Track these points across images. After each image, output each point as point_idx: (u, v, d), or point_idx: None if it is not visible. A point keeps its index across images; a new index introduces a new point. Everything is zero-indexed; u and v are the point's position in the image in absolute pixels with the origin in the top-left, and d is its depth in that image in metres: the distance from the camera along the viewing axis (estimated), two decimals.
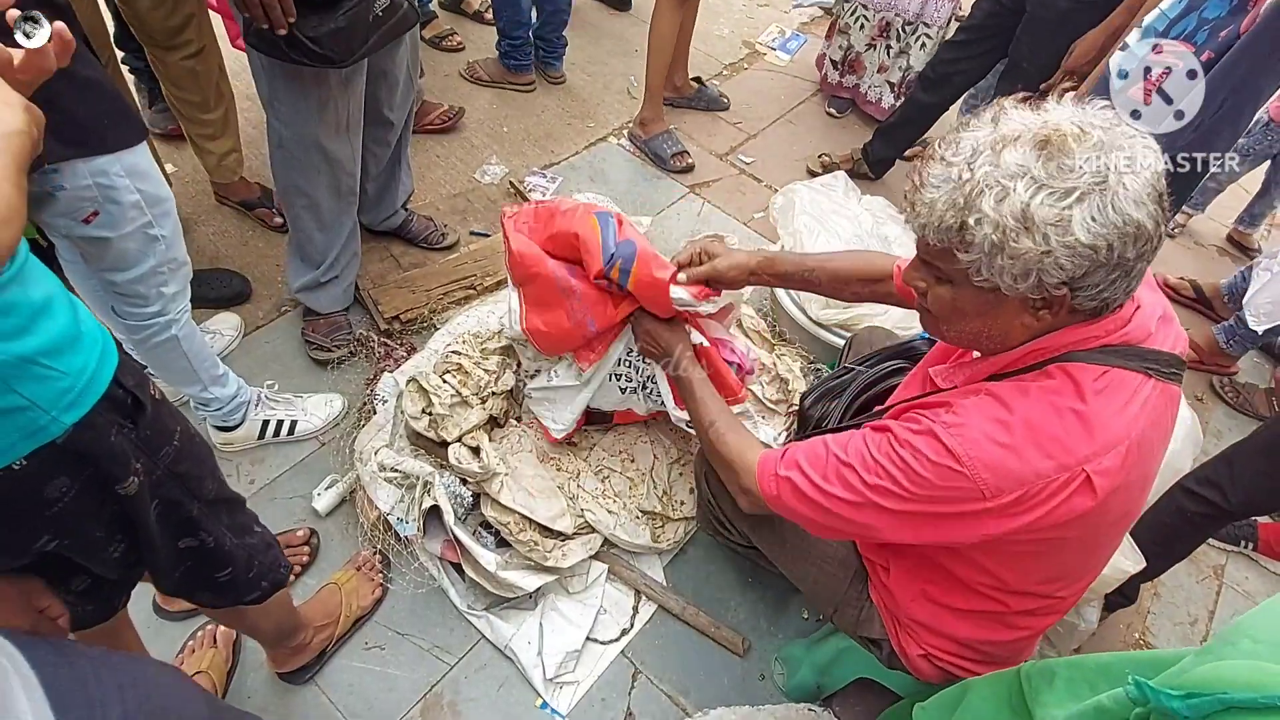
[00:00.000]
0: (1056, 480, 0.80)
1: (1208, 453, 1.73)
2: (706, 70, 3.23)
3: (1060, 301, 0.79)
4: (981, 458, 0.81)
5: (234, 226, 2.26)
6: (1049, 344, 0.85)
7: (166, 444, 0.85)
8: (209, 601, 1.09)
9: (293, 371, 1.94)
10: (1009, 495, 0.81)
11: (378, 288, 2.08)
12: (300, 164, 1.68)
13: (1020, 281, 0.77)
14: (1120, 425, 0.81)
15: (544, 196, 2.55)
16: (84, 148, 1.10)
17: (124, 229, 1.21)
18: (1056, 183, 0.72)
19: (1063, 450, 0.80)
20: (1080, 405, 0.81)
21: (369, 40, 1.45)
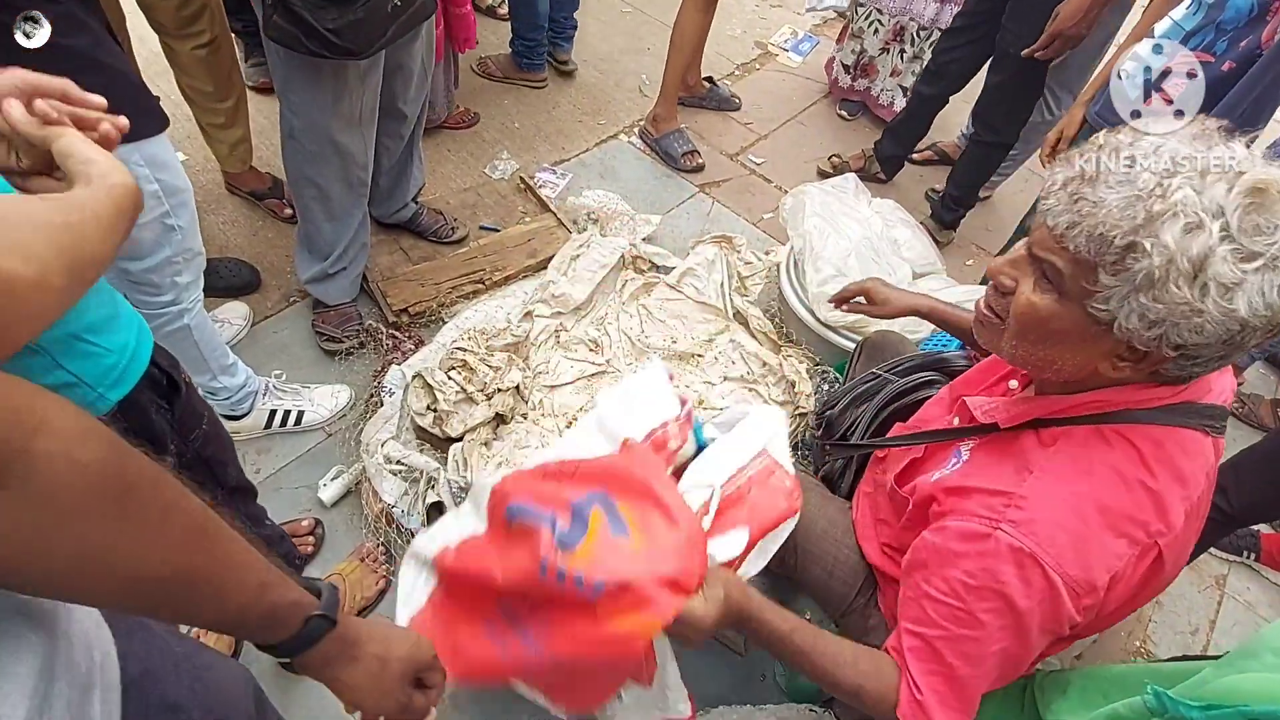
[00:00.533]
0: (1131, 556, 0.76)
1: None
2: (718, 70, 3.23)
3: (1154, 362, 0.73)
4: (1064, 557, 0.74)
5: (244, 216, 2.26)
6: (1110, 398, 0.79)
7: (197, 427, 0.86)
8: None
9: (300, 362, 1.94)
10: (1101, 585, 0.75)
11: (387, 280, 2.08)
12: (312, 156, 1.68)
13: (1146, 328, 0.68)
14: (1183, 491, 0.77)
15: (554, 193, 2.54)
16: None
17: (141, 218, 1.21)
18: (1246, 240, 0.63)
19: (1136, 526, 0.75)
20: (1148, 478, 0.76)
21: (388, 31, 1.45)
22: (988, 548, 0.76)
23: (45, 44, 0.97)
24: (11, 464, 0.37)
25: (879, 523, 1.14)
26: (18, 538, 0.39)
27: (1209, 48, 1.57)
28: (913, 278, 2.06)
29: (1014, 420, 0.86)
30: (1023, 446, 0.85)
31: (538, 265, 2.20)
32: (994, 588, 0.76)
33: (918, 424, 1.13)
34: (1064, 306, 0.74)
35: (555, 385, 1.90)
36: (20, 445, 0.38)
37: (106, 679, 0.52)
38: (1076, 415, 0.81)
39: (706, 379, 2.00)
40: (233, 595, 0.52)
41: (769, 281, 2.27)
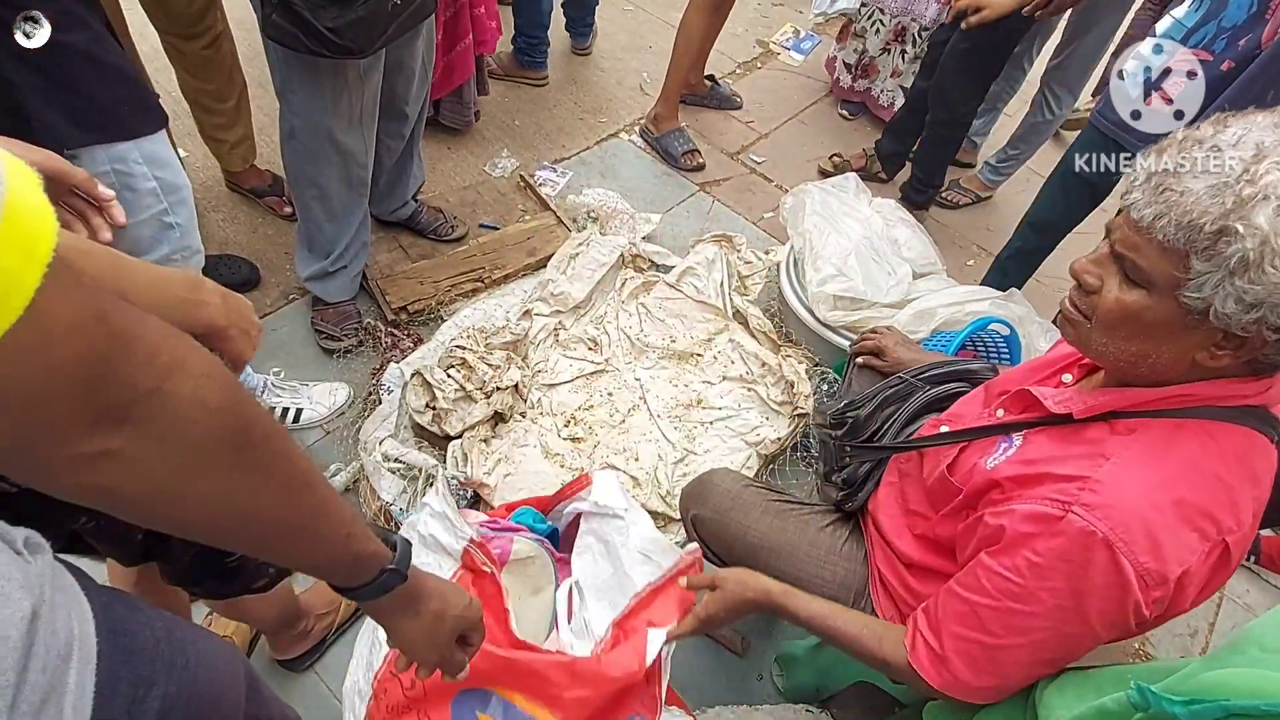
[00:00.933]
0: (1202, 552, 0.75)
1: None
2: (720, 68, 3.23)
3: (1254, 348, 0.73)
4: (1138, 544, 0.73)
5: (244, 213, 2.27)
6: (1196, 392, 0.79)
7: None
8: (216, 590, 1.08)
9: (299, 359, 1.95)
10: (1173, 578, 0.73)
11: (386, 278, 2.09)
12: (312, 155, 1.68)
13: (1244, 312, 0.69)
14: (1255, 492, 0.78)
15: (554, 191, 2.55)
16: (103, 133, 1.10)
17: (139, 215, 1.22)
18: None
19: (1209, 522, 0.75)
20: (1223, 471, 0.76)
21: (388, 30, 1.44)
22: (1059, 528, 0.76)
23: (45, 42, 0.97)
24: (144, 402, 0.39)
25: (910, 514, 1.11)
26: (146, 475, 0.41)
27: (1208, 45, 1.57)
28: (913, 278, 2.05)
29: (1090, 411, 0.85)
30: (1092, 436, 0.84)
31: (537, 264, 2.20)
32: (1060, 568, 0.75)
33: (951, 419, 1.11)
34: (1155, 299, 0.75)
35: (554, 384, 1.91)
36: (153, 384, 0.39)
37: (84, 650, 0.53)
38: (1155, 409, 0.81)
39: (705, 378, 2.00)
40: (325, 542, 0.56)
41: (769, 281, 2.27)
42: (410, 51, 1.75)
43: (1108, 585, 0.73)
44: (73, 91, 1.05)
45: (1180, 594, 0.75)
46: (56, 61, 1.01)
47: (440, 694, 1.01)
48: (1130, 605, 0.74)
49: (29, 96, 1.00)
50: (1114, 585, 0.73)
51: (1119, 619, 0.76)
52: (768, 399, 1.93)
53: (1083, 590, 0.75)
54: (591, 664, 1.01)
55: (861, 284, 1.96)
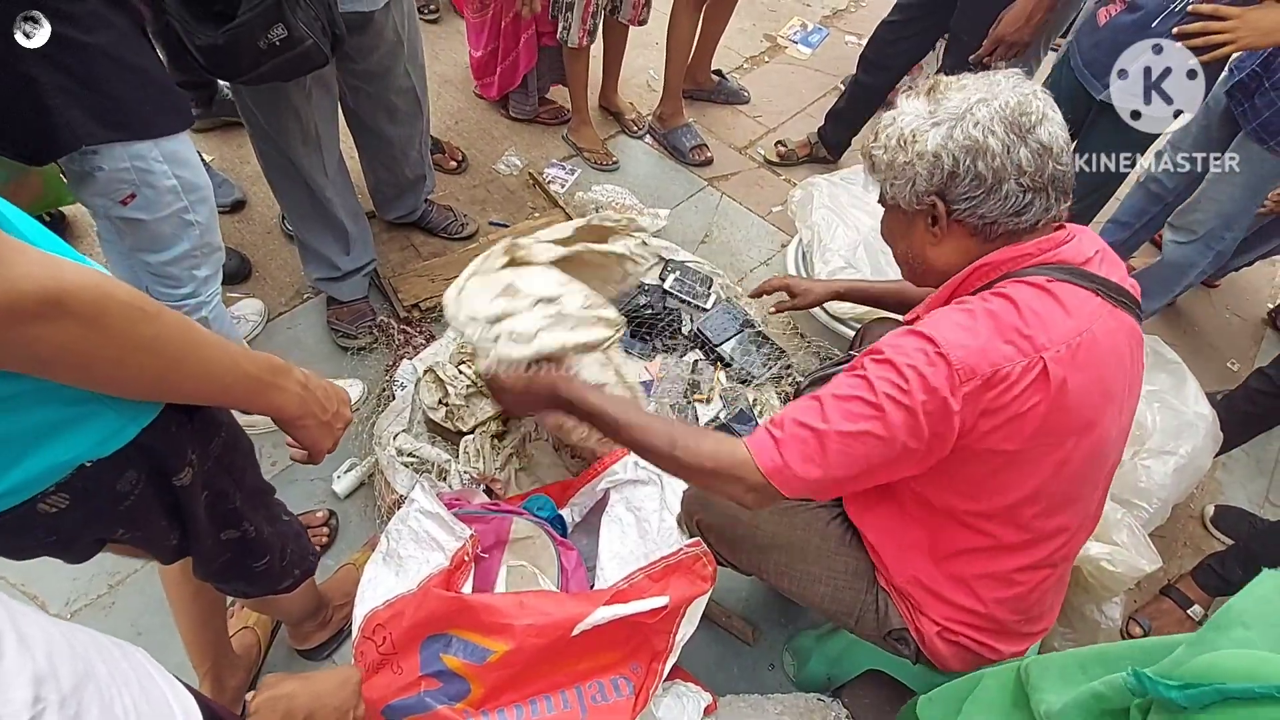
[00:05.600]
0: (1020, 365, 0.87)
1: None
2: (727, 64, 3.23)
3: (941, 215, 0.96)
4: (953, 338, 0.88)
5: (258, 214, 2.30)
6: (989, 262, 0.97)
7: (216, 435, 0.86)
8: (243, 591, 1.11)
9: (314, 357, 1.98)
10: (982, 375, 0.86)
11: (398, 276, 2.11)
12: (278, 173, 1.73)
13: (903, 190, 0.97)
14: (1070, 323, 0.90)
15: (563, 188, 2.56)
16: (124, 131, 1.13)
17: (160, 212, 1.24)
18: (930, 115, 0.94)
19: (1021, 338, 0.87)
20: (1034, 303, 0.90)
21: (261, 66, 1.34)
22: (901, 333, 0.93)
23: (62, 39, 0.99)
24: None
25: None
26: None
27: None
28: None
29: (932, 306, 1.03)
30: None
31: None
32: (889, 357, 0.90)
33: None
34: (888, 211, 1.06)
35: None
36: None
37: None
38: (976, 287, 0.98)
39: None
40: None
41: (777, 274, 2.28)
42: (385, 84, 1.79)
43: (930, 362, 0.87)
44: (95, 90, 1.07)
45: (999, 399, 0.86)
46: (80, 60, 1.04)
47: (408, 644, 1.08)
48: (946, 385, 0.86)
49: (52, 95, 1.03)
50: (934, 363, 0.87)
51: (940, 405, 0.86)
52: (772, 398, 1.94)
53: (906, 369, 0.87)
54: (540, 597, 1.09)
55: (870, 276, 1.97)
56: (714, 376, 2.05)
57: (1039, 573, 1.04)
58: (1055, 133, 0.92)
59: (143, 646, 1.37)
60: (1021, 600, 1.06)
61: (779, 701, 1.49)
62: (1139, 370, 1.02)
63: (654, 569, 1.15)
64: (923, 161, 0.94)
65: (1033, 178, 0.91)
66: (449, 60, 2.98)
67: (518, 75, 2.60)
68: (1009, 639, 1.09)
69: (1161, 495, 1.69)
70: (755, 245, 2.53)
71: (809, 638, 1.58)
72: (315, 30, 1.35)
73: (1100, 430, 0.95)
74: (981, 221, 0.95)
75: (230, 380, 0.73)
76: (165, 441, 0.77)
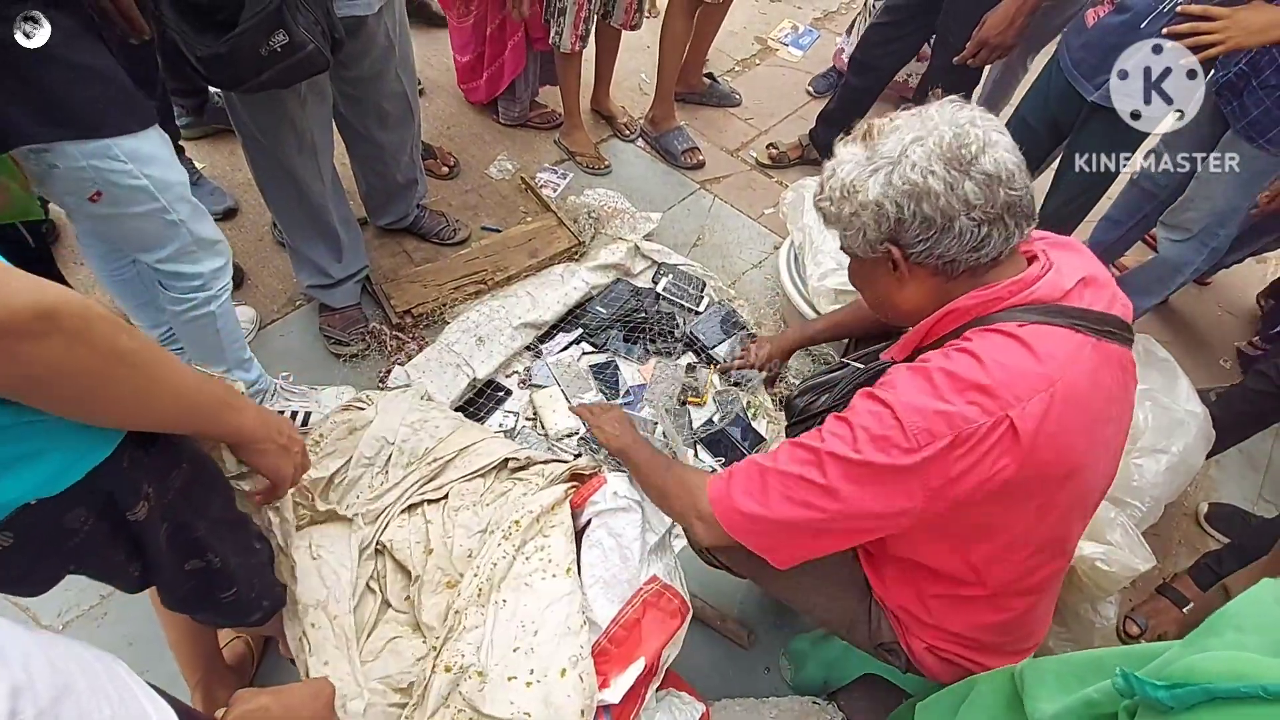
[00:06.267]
0: (984, 425, 0.83)
1: None
2: (719, 66, 3.23)
3: (898, 260, 0.92)
4: (910, 402, 0.85)
5: (250, 222, 2.30)
6: (956, 307, 0.93)
7: (175, 467, 0.84)
8: (213, 621, 1.09)
9: (306, 364, 1.98)
10: (941, 441, 0.83)
11: (390, 282, 2.11)
12: (271, 181, 1.72)
13: (855, 240, 0.95)
14: (1040, 373, 0.85)
15: (555, 193, 2.56)
16: (70, 130, 1.12)
17: (132, 209, 1.24)
18: (868, 161, 0.90)
19: (985, 396, 0.83)
20: (1001, 355, 0.85)
21: (263, 74, 1.33)
22: (857, 398, 0.93)
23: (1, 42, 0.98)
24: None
25: None
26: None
27: None
28: None
29: (905, 348, 1.02)
30: None
31: (539, 265, 2.22)
32: (846, 416, 0.90)
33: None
34: (851, 260, 1.03)
35: None
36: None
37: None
38: (947, 332, 0.95)
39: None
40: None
41: (769, 277, 2.28)
42: (378, 90, 1.79)
43: (883, 427, 0.86)
44: (37, 90, 1.06)
45: (960, 459, 0.83)
46: (18, 60, 1.02)
47: None
48: (899, 448, 0.84)
49: None
50: (887, 428, 0.85)
51: (891, 466, 0.85)
52: (766, 403, 1.94)
53: (860, 431, 0.87)
54: None
55: None
56: (707, 379, 2.05)
57: (1028, 599, 1.04)
58: (1002, 157, 0.86)
59: (135, 657, 1.35)
60: (1010, 625, 1.06)
61: (775, 705, 1.49)
62: (1128, 399, 0.98)
63: (624, 617, 1.15)
64: (867, 212, 0.91)
65: (984, 210, 0.86)
66: (440, 65, 2.98)
67: (504, 81, 2.60)
68: (998, 656, 1.09)
69: (1154, 494, 1.69)
70: (747, 248, 2.53)
71: (805, 641, 1.57)
72: (315, 35, 1.35)
73: (1085, 474, 0.92)
74: (940, 261, 0.91)
75: (200, 398, 0.73)
76: (118, 477, 0.75)
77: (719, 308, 2.24)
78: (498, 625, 1.10)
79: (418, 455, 1.39)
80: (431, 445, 1.40)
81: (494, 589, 1.15)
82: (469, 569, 1.19)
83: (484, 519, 1.28)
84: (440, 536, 1.26)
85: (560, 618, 1.10)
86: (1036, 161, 2.13)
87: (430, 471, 1.36)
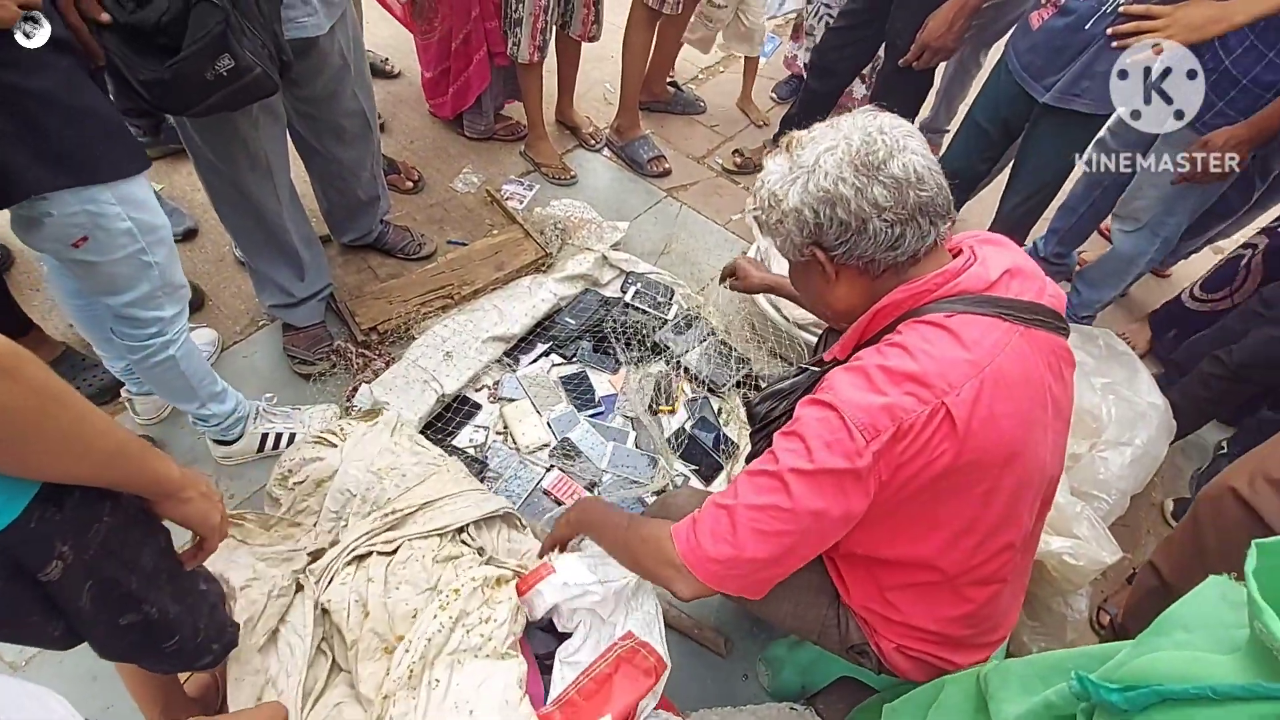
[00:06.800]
0: (922, 414, 0.86)
1: None
2: (683, 74, 3.25)
3: (824, 262, 0.98)
4: (851, 399, 0.88)
5: (211, 242, 2.26)
6: (887, 303, 0.97)
7: (96, 522, 0.79)
8: (156, 667, 1.03)
9: (271, 385, 1.94)
10: (886, 433, 0.86)
11: (355, 299, 2.08)
12: (228, 204, 1.69)
13: (785, 246, 1.01)
14: (969, 360, 0.89)
15: (521, 204, 2.55)
16: (74, 177, 1.09)
17: (114, 254, 1.20)
18: (789, 172, 0.96)
19: (920, 386, 0.87)
20: (930, 346, 0.90)
21: (209, 98, 1.29)
22: (805, 405, 0.94)
23: (2, 86, 0.96)
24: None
25: None
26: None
27: None
28: None
29: (845, 346, 1.05)
30: None
31: (506, 278, 2.20)
32: (795, 429, 0.92)
33: None
34: (790, 264, 1.06)
35: None
36: None
37: None
38: (880, 328, 0.99)
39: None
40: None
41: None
42: (332, 108, 1.77)
43: (832, 431, 0.88)
44: (40, 135, 1.03)
45: (905, 450, 0.87)
46: (22, 106, 1.00)
47: None
48: (851, 448, 0.87)
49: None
50: (835, 431, 0.87)
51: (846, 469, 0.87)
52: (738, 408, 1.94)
53: (810, 437, 0.89)
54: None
55: None
56: (678, 387, 2.05)
57: (988, 588, 1.05)
58: (910, 160, 0.91)
59: (99, 692, 1.31)
60: (974, 616, 1.07)
61: (752, 713, 1.48)
62: (1066, 387, 1.01)
63: (596, 671, 1.15)
64: (790, 219, 0.96)
65: (895, 211, 0.91)
66: (404, 80, 2.96)
67: (470, 96, 2.59)
68: (966, 651, 1.10)
69: (1120, 486, 1.72)
70: (715, 254, 2.54)
71: (781, 647, 1.57)
72: (263, 58, 1.32)
73: (1025, 458, 0.94)
74: (862, 261, 0.96)
75: (124, 437, 0.71)
76: (24, 538, 0.71)
77: (689, 315, 2.24)
78: (430, 708, 1.07)
79: (380, 505, 1.37)
80: (395, 495, 1.38)
81: (427, 667, 1.12)
82: (407, 636, 1.17)
83: (433, 576, 1.26)
84: (379, 596, 1.22)
85: (496, 693, 1.07)
86: (990, 162, 2.17)
87: (386, 523, 1.33)
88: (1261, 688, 0.51)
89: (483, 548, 1.37)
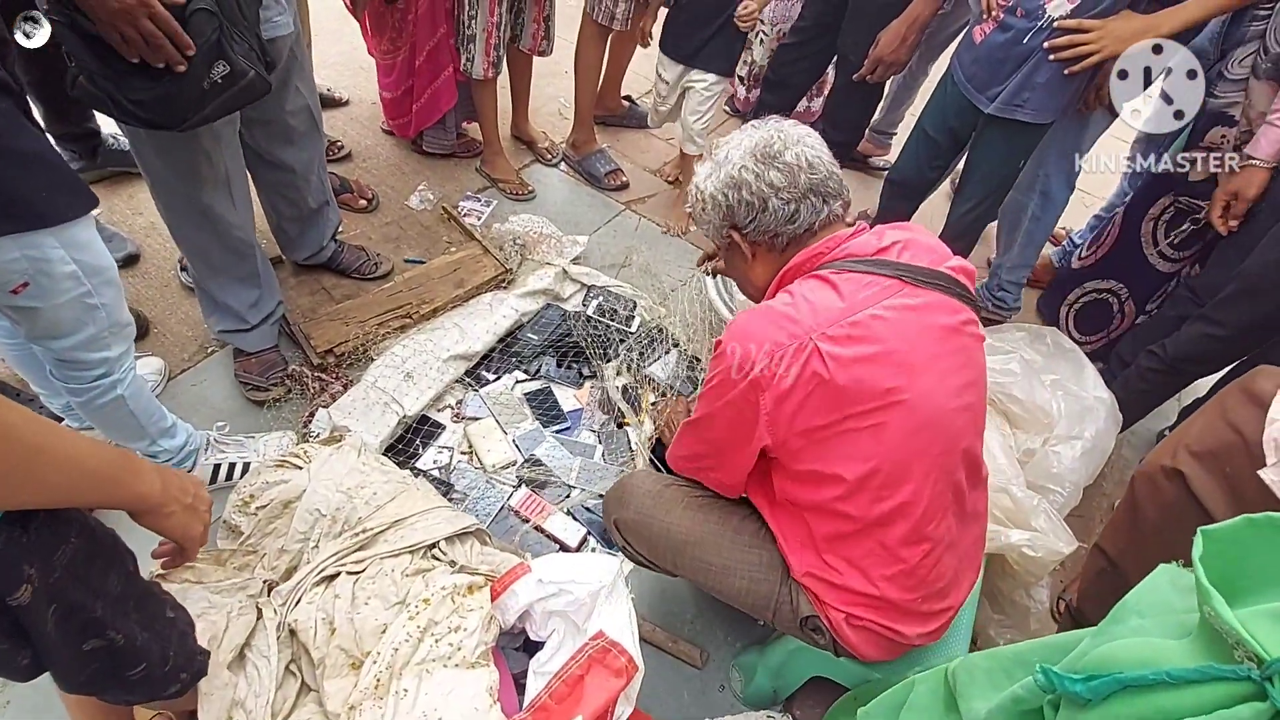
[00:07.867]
0: (792, 347, 1.01)
1: None
2: (636, 89, 3.27)
3: (739, 241, 1.17)
4: (732, 336, 1.06)
5: (155, 268, 2.19)
6: (791, 266, 1.15)
7: (62, 545, 0.77)
8: (123, 700, 1.00)
9: (223, 414, 1.88)
10: (761, 363, 1.02)
11: (309, 321, 2.03)
12: (186, 223, 1.64)
13: (711, 230, 1.22)
14: (842, 306, 1.03)
15: (479, 221, 2.53)
16: (16, 224, 1.05)
17: (57, 299, 1.15)
18: (710, 170, 1.17)
19: (793, 323, 1.02)
20: (811, 294, 1.05)
21: (206, 107, 1.30)
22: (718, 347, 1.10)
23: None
24: None
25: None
26: None
27: None
28: None
29: None
30: None
31: (466, 295, 2.18)
32: (714, 364, 1.10)
33: None
34: (718, 248, 1.30)
35: None
36: None
37: None
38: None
39: None
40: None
41: (698, 293, 2.31)
42: (281, 107, 1.73)
43: (719, 363, 1.08)
44: None
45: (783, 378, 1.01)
46: None
47: None
48: (732, 374, 1.05)
49: None
50: (721, 359, 1.07)
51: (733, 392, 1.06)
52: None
53: (710, 371, 1.11)
54: None
55: None
56: (643, 399, 2.05)
57: (919, 547, 1.08)
58: (802, 152, 1.11)
59: None
60: (911, 577, 1.10)
61: None
62: (966, 344, 1.10)
63: (568, 673, 1.14)
64: (709, 206, 1.17)
65: (789, 191, 1.10)
66: (355, 98, 2.92)
67: (437, 113, 2.55)
68: (912, 620, 1.13)
69: (1073, 479, 1.77)
70: (675, 265, 2.56)
71: (752, 653, 1.58)
72: (253, 61, 1.32)
73: (911, 400, 1.02)
74: (768, 236, 1.15)
75: (94, 464, 0.69)
76: None
77: (651, 327, 2.24)
78: (397, 717, 1.06)
79: (350, 525, 1.34)
80: (366, 514, 1.35)
81: (394, 677, 1.12)
82: (375, 648, 1.15)
83: (402, 590, 1.24)
84: (346, 612, 1.21)
85: (465, 700, 1.07)
86: (939, 170, 2.23)
87: (356, 543, 1.30)
88: (1213, 669, 0.53)
89: (454, 560, 1.35)
